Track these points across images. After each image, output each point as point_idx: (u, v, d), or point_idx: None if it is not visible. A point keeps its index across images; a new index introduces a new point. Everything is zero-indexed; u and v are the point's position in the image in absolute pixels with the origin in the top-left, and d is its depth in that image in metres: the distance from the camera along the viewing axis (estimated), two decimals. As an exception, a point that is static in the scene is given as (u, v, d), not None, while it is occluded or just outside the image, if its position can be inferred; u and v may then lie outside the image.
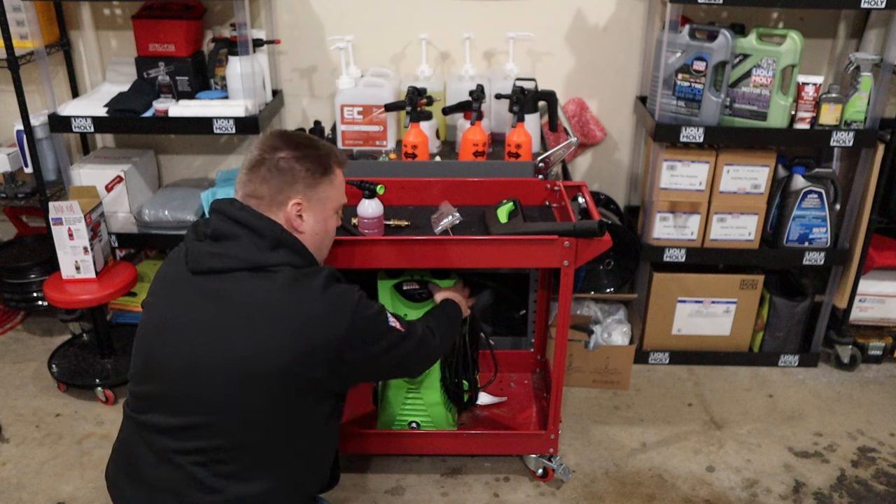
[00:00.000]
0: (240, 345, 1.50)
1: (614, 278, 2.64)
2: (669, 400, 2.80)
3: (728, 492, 2.36)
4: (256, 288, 1.52)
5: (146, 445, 1.57)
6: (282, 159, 1.60)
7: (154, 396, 1.57)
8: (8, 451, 2.52)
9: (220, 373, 1.50)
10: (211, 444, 1.53)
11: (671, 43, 2.60)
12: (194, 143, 3.20)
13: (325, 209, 1.67)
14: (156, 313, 1.61)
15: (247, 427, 1.53)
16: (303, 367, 1.52)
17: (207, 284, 1.54)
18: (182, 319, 1.55)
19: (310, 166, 1.63)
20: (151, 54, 2.78)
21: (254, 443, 1.55)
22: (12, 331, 3.20)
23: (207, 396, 1.52)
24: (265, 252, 1.55)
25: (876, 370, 2.99)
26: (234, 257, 1.54)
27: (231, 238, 1.56)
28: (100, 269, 2.70)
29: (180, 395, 1.54)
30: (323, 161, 1.65)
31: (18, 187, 2.90)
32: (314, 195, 1.64)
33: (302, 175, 1.62)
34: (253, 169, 1.61)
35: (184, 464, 1.53)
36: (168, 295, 1.61)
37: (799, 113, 2.62)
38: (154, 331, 1.60)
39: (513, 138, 2.43)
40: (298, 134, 1.71)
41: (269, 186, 1.60)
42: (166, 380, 1.55)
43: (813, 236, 2.79)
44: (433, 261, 2.02)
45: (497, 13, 2.92)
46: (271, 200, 1.60)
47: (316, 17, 2.96)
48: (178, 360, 1.53)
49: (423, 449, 2.43)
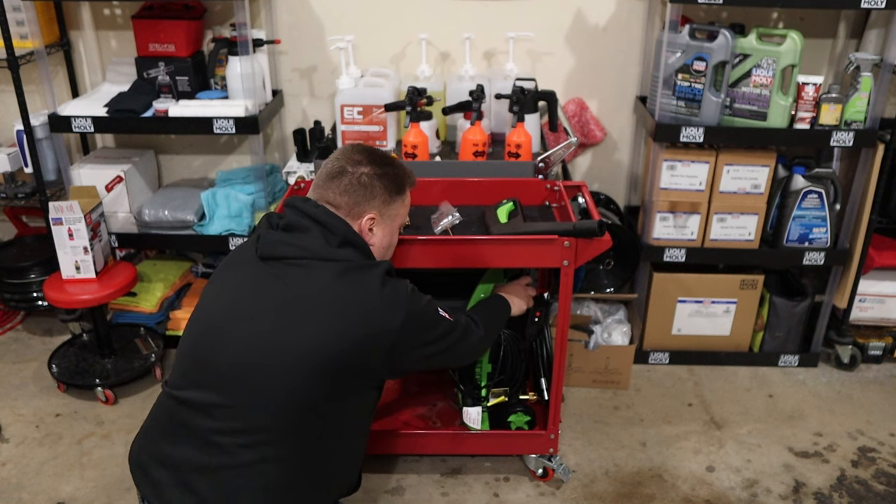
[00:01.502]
0: (300, 328, 1.56)
1: (614, 278, 2.64)
2: (669, 400, 2.80)
3: (728, 492, 2.36)
4: (320, 277, 1.59)
5: (182, 424, 1.59)
6: (364, 174, 1.70)
7: (204, 371, 1.59)
8: (8, 451, 2.52)
9: (278, 352, 1.55)
10: (254, 425, 1.55)
11: (671, 43, 2.60)
12: (194, 143, 3.20)
13: (394, 225, 1.79)
14: (219, 292, 1.68)
15: (293, 411, 1.56)
16: (359, 354, 1.59)
17: (274, 270, 1.61)
18: (247, 300, 1.61)
19: (388, 185, 1.73)
20: (151, 54, 2.78)
21: (296, 429, 1.58)
22: (12, 331, 3.20)
23: (260, 375, 1.55)
24: (333, 247, 1.63)
25: (876, 370, 2.99)
26: (304, 247, 1.61)
27: (303, 230, 1.64)
28: (100, 269, 2.70)
29: (231, 371, 1.56)
30: (399, 181, 1.76)
31: (18, 187, 2.90)
32: (387, 211, 1.74)
33: (380, 192, 1.72)
34: (334, 178, 1.70)
35: (224, 444, 1.54)
36: (234, 278, 1.68)
37: (799, 113, 2.62)
38: (216, 308, 1.65)
39: (513, 138, 2.43)
40: (380, 151, 1.79)
41: (348, 198, 1.69)
42: (221, 354, 1.57)
43: (813, 236, 2.79)
44: (433, 261, 2.03)
45: (497, 13, 2.92)
46: (348, 212, 1.69)
47: (316, 17, 2.96)
48: (236, 335, 1.57)
49: (423, 449, 2.43)
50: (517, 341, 2.26)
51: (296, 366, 1.55)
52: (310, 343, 1.55)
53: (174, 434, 1.60)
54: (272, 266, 1.62)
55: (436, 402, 2.54)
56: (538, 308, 2.27)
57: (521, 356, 2.28)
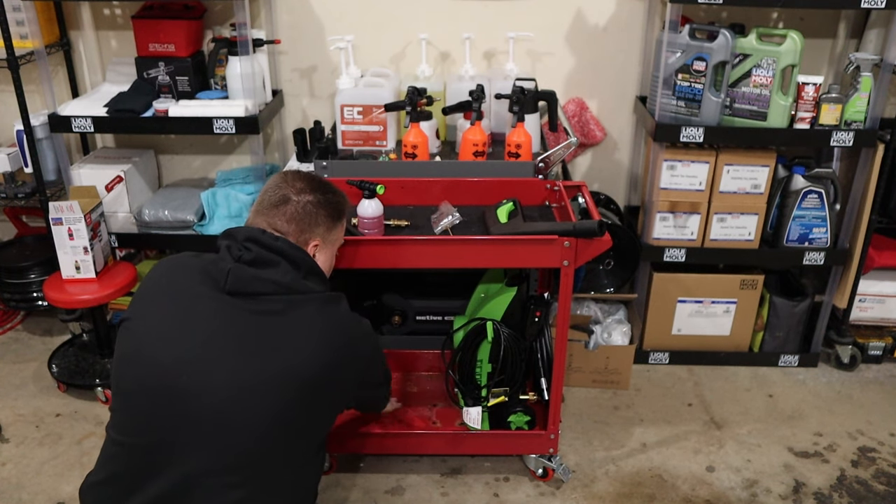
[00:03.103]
0: (289, 361, 1.57)
1: (614, 278, 2.64)
2: (669, 400, 2.80)
3: (728, 492, 2.36)
4: (298, 310, 1.63)
5: (151, 472, 1.52)
6: (309, 203, 1.74)
7: (175, 414, 1.52)
8: (8, 451, 2.52)
9: (268, 387, 1.54)
10: (242, 460, 1.54)
11: (671, 43, 2.60)
12: (194, 143, 3.20)
13: (333, 249, 1.85)
14: (178, 328, 1.57)
15: (280, 441, 1.58)
16: (342, 381, 1.69)
17: (249, 305, 1.60)
18: (224, 337, 1.56)
19: (331, 212, 1.78)
20: (151, 54, 2.78)
21: (283, 458, 1.60)
22: (12, 331, 3.20)
23: (251, 411, 1.52)
24: (300, 280, 1.67)
25: (876, 370, 2.99)
26: (277, 283, 1.63)
27: (273, 265, 1.65)
28: (100, 269, 2.70)
29: (216, 410, 1.51)
30: (340, 207, 1.81)
31: (18, 187, 2.90)
32: (329, 237, 1.80)
33: (324, 219, 1.77)
34: (278, 206, 1.72)
35: (210, 485, 1.51)
36: (198, 313, 1.59)
37: (799, 113, 2.62)
38: (183, 345, 1.55)
39: (513, 138, 2.43)
40: (319, 177, 1.82)
41: (295, 226, 1.72)
42: (202, 394, 1.51)
43: (813, 236, 2.79)
44: (433, 261, 2.02)
45: (497, 13, 2.92)
46: (295, 239, 1.72)
47: (316, 17, 2.96)
48: (218, 374, 1.53)
49: (424, 449, 2.43)
50: (517, 341, 2.26)
51: (281, 398, 1.55)
52: (294, 374, 1.56)
53: (141, 485, 1.53)
54: (246, 302, 1.59)
55: (436, 402, 2.54)
56: (538, 308, 2.27)
57: (521, 356, 2.28)
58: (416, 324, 2.71)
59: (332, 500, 2.31)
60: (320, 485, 2.03)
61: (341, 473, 2.40)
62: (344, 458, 2.45)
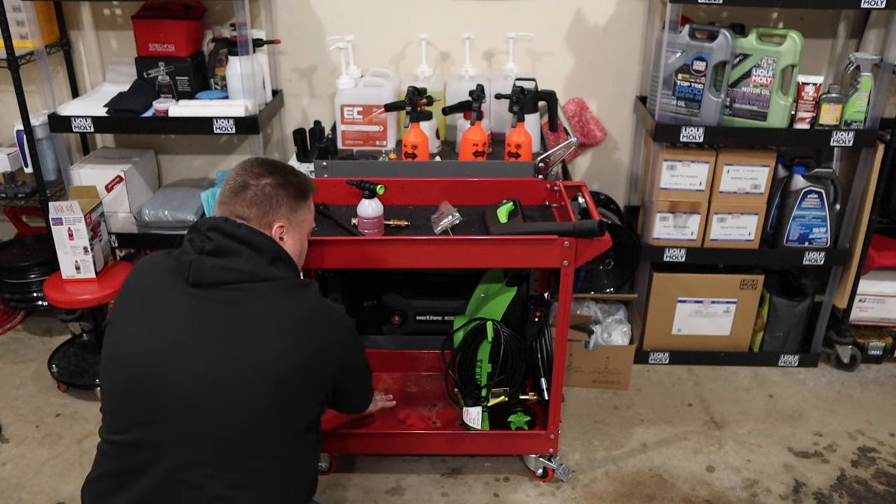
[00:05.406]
0: (253, 348, 1.54)
1: (614, 278, 2.65)
2: (669, 400, 2.80)
3: (728, 492, 2.36)
4: (262, 297, 1.60)
5: (136, 470, 1.55)
6: (268, 185, 1.70)
7: (152, 408, 1.54)
8: (8, 451, 2.52)
9: (234, 376, 1.53)
10: (218, 452, 1.53)
11: (671, 43, 2.60)
12: (194, 143, 3.20)
13: (302, 232, 1.80)
14: (148, 323, 1.60)
15: (256, 432, 1.55)
16: (313, 367, 1.61)
17: (212, 296, 1.58)
18: (189, 328, 1.57)
19: (292, 192, 1.74)
20: (151, 54, 2.78)
21: (262, 449, 1.57)
22: (12, 331, 3.20)
23: (217, 402, 1.52)
24: (265, 266, 1.63)
25: (876, 370, 2.99)
26: (240, 271, 1.60)
27: (235, 253, 1.62)
28: (100, 269, 2.70)
29: (186, 402, 1.52)
30: (302, 188, 1.77)
31: (18, 187, 2.90)
32: (294, 218, 1.75)
33: (285, 200, 1.72)
34: (238, 193, 1.70)
35: (191, 479, 1.52)
36: (164, 307, 1.61)
37: (799, 113, 2.62)
38: (153, 341, 1.58)
39: (513, 138, 2.43)
40: (278, 162, 1.80)
41: (256, 209, 1.69)
42: (172, 386, 1.53)
43: (813, 236, 2.79)
44: (433, 261, 2.02)
45: (497, 13, 2.92)
46: (258, 223, 1.69)
47: (316, 17, 2.96)
48: (185, 365, 1.53)
49: (423, 449, 2.43)
50: (517, 341, 2.26)
51: (254, 386, 1.53)
52: (265, 362, 1.54)
53: (131, 483, 1.55)
54: (209, 292, 1.58)
55: (436, 402, 2.54)
56: (538, 308, 2.27)
57: (521, 356, 2.28)
58: (416, 324, 2.71)
59: (331, 500, 2.31)
60: (320, 485, 2.04)
61: (341, 473, 2.40)
62: (344, 458, 2.45)
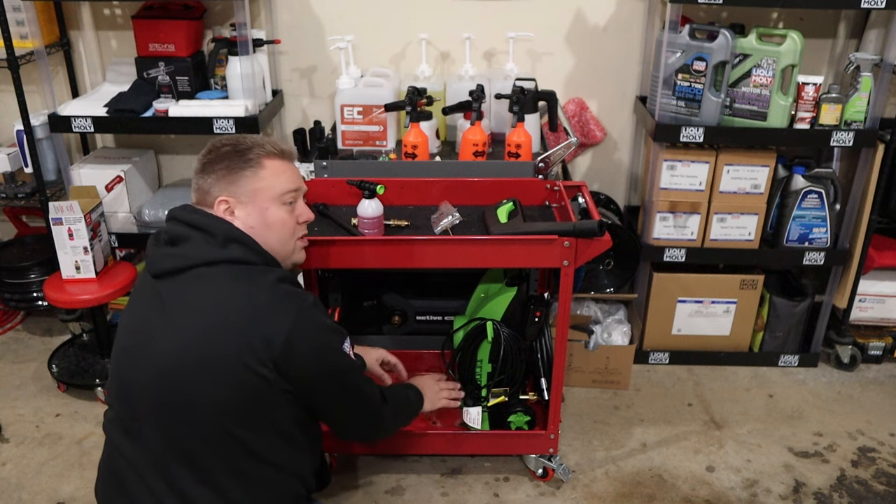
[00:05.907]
0: (194, 337, 1.52)
1: (614, 278, 2.64)
2: (669, 400, 2.80)
3: (728, 492, 2.36)
4: (210, 281, 1.56)
5: (126, 460, 1.59)
6: (206, 164, 1.67)
7: (126, 400, 1.59)
8: (8, 451, 2.52)
9: (180, 368, 1.52)
10: (185, 449, 1.55)
11: (671, 43, 2.60)
12: (194, 143, 3.20)
13: (258, 201, 1.66)
14: (128, 318, 1.68)
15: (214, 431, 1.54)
16: (251, 362, 1.52)
17: (167, 285, 1.59)
18: (149, 319, 1.60)
19: (227, 164, 1.65)
20: (151, 54, 2.78)
21: (227, 452, 1.57)
22: (12, 331, 3.20)
23: (171, 392, 1.53)
24: (217, 249, 1.59)
25: (876, 370, 2.99)
26: (187, 256, 1.58)
27: (185, 239, 1.62)
28: (100, 269, 2.70)
29: (145, 393, 1.55)
30: (242, 156, 1.66)
31: (18, 187, 2.90)
32: (237, 190, 1.65)
33: (221, 174, 1.65)
34: (193, 179, 1.71)
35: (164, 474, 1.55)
36: (137, 301, 1.69)
37: (799, 113, 2.62)
38: (125, 335, 1.65)
39: (513, 138, 2.43)
40: (224, 137, 1.73)
41: (197, 193, 1.68)
42: (137, 377, 1.56)
43: (813, 236, 2.79)
44: (433, 261, 2.02)
45: (497, 13, 2.92)
46: (204, 204, 1.67)
47: (316, 17, 2.96)
48: (145, 356, 1.56)
49: (424, 449, 2.43)
50: (517, 341, 2.26)
51: (210, 379, 1.51)
52: (207, 351, 1.51)
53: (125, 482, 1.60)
54: (164, 282, 1.59)
55: (436, 402, 2.54)
56: (538, 308, 2.27)
57: (521, 356, 2.28)
58: (416, 324, 2.71)
59: (331, 501, 2.31)
60: (320, 485, 2.03)
61: (341, 473, 2.40)
62: (344, 458, 2.45)
